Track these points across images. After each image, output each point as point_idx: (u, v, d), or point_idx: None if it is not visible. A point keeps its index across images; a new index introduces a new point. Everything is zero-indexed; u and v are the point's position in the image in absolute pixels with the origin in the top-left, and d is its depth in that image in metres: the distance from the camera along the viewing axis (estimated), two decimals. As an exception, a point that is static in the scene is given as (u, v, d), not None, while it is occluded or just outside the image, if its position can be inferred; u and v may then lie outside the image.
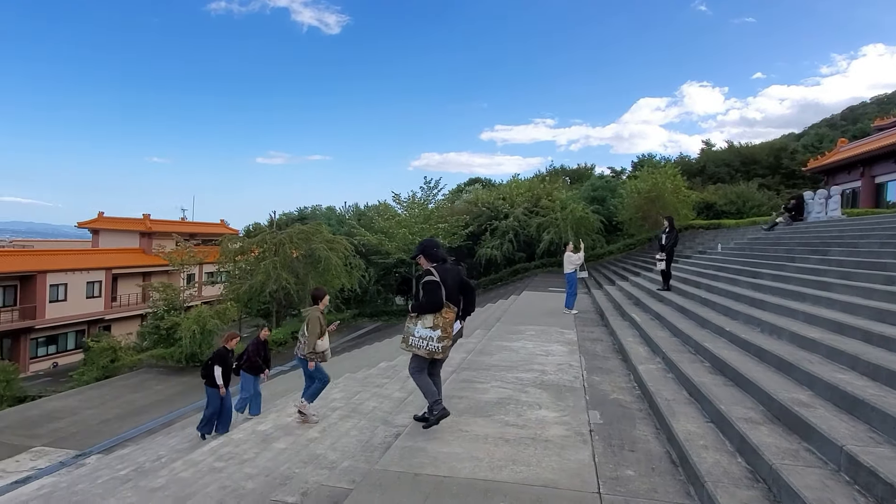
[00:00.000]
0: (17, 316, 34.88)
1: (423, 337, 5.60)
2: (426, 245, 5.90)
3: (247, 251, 28.26)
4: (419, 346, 5.65)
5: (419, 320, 5.66)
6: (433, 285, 5.56)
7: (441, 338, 5.58)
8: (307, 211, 48.79)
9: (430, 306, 5.57)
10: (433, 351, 5.63)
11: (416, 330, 5.64)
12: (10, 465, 14.17)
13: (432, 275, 5.57)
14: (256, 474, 6.92)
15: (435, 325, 5.56)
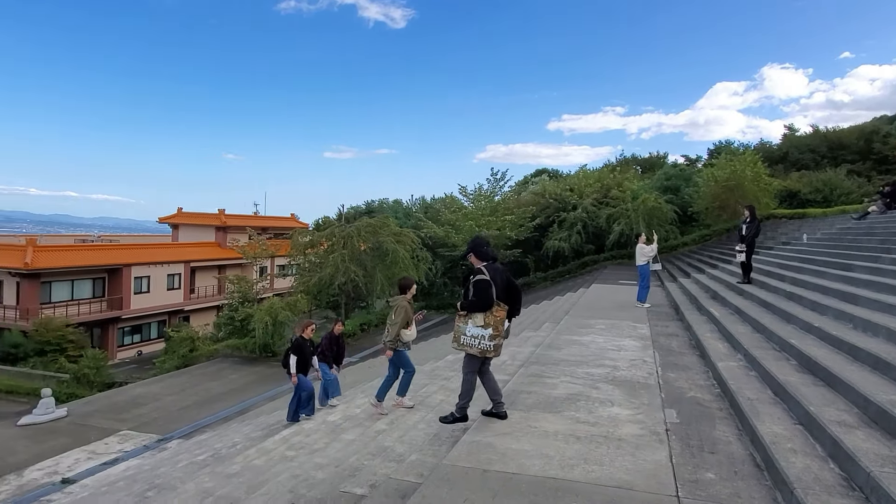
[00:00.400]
0: (105, 307, 36.97)
1: (475, 335, 5.63)
2: (477, 243, 5.94)
3: (316, 244, 28.86)
4: (471, 345, 5.68)
5: (469, 319, 5.69)
6: (484, 284, 5.58)
7: (493, 336, 5.59)
8: (374, 204, 49.41)
9: (482, 305, 5.60)
10: (485, 349, 5.66)
11: (468, 329, 5.67)
12: (100, 448, 14.98)
13: (483, 273, 5.59)
14: (326, 464, 6.97)
15: (486, 323, 5.57)
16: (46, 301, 34.05)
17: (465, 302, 5.75)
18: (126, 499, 9.34)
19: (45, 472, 13.55)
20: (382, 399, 8.82)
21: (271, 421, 13.20)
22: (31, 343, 29.87)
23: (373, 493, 5.19)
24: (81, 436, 15.82)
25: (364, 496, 5.31)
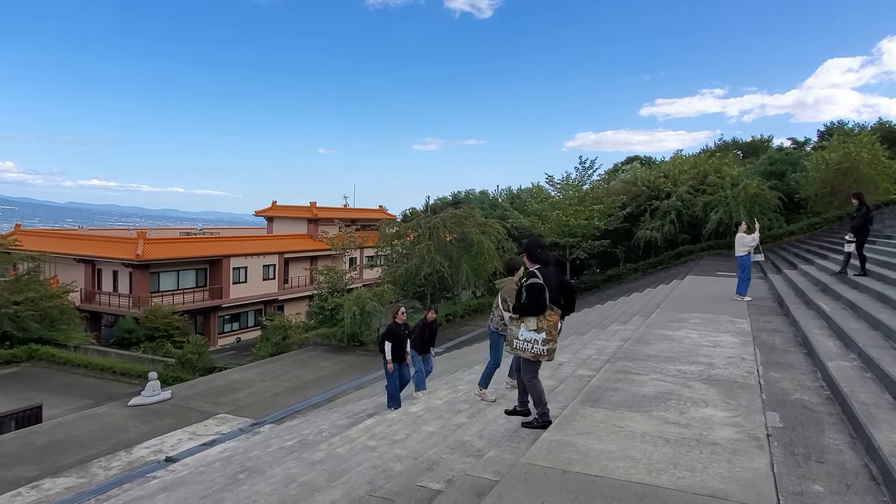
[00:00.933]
0: (207, 296, 39.13)
1: (528, 339, 5.62)
2: (531, 245, 5.94)
3: (403, 235, 29.18)
4: (524, 349, 5.68)
5: (522, 323, 5.68)
6: (538, 287, 5.57)
7: (546, 340, 5.58)
8: (460, 195, 49.43)
9: (534, 309, 5.59)
10: (538, 353, 5.65)
11: (520, 332, 5.67)
12: (200, 429, 15.79)
13: (536, 277, 5.58)
14: (405, 456, 6.92)
15: (539, 327, 5.58)
16: (155, 290, 36.44)
17: (518, 305, 5.74)
18: (219, 479, 9.73)
19: (151, 450, 14.41)
20: (486, 386, 8.58)
21: (356, 409, 13.43)
22: (142, 329, 32.05)
23: (449, 489, 5.06)
24: (184, 417, 16.74)
25: (440, 492, 5.18)
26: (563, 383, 8.08)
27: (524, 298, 5.71)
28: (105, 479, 12.81)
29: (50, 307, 30.74)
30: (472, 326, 27.42)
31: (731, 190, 29.14)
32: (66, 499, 11.91)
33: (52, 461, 13.79)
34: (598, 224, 30.41)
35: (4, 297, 29.50)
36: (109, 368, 26.30)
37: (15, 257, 32.18)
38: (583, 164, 33.13)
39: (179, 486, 10.38)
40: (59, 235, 44.09)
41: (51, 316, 30.73)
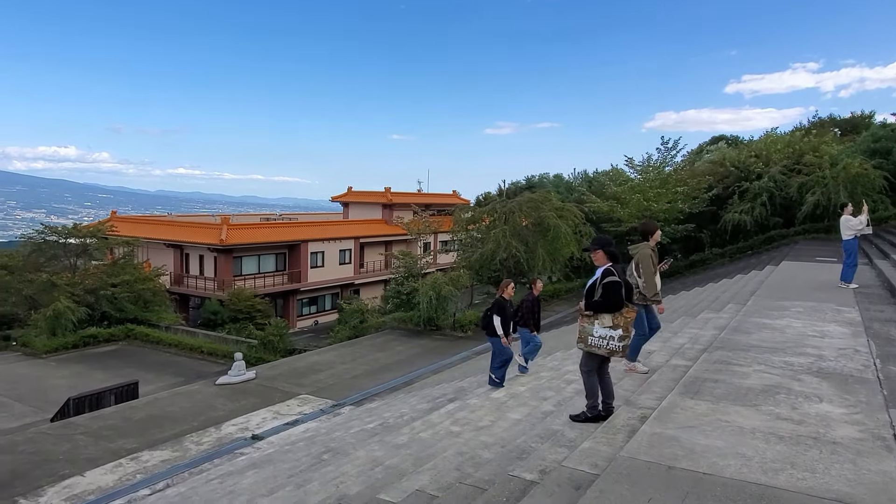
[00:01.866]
0: (286, 279, 40.34)
1: (603, 336, 5.65)
2: (606, 242, 6.00)
3: (478, 220, 28.98)
4: (599, 346, 5.70)
5: (596, 320, 5.70)
6: (616, 286, 5.65)
7: (622, 337, 5.61)
8: (534, 179, 48.67)
9: (612, 306, 5.65)
10: (614, 350, 5.67)
11: (595, 329, 5.69)
12: (283, 409, 16.24)
13: (613, 275, 5.64)
14: (493, 444, 6.78)
15: (615, 324, 5.61)
16: (238, 274, 37.87)
17: (593, 302, 5.76)
18: (305, 459, 9.92)
19: (238, 427, 14.93)
20: (634, 359, 8.06)
21: (436, 394, 13.42)
22: (227, 311, 33.39)
23: (544, 480, 4.86)
24: (267, 397, 17.26)
25: (534, 482, 5.00)
26: (657, 373, 7.70)
27: (600, 296, 5.72)
28: (197, 453, 13.37)
29: (143, 289, 32.50)
30: (548, 312, 26.97)
31: (830, 170, 27.22)
32: (163, 471, 12.49)
33: (149, 435, 14.51)
34: (681, 207, 29.11)
35: (103, 280, 31.38)
36: (197, 348, 27.54)
37: (112, 242, 34.13)
38: (665, 145, 31.74)
39: (267, 464, 10.67)
40: (150, 221, 46.51)
41: (144, 298, 32.49)
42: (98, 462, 12.98)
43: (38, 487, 11.88)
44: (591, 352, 5.84)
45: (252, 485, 8.96)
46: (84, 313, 29.22)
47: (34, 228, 33.55)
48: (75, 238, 32.97)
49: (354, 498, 6.17)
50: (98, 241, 33.26)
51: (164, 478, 12.15)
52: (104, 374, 23.89)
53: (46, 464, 12.96)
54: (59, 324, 27.83)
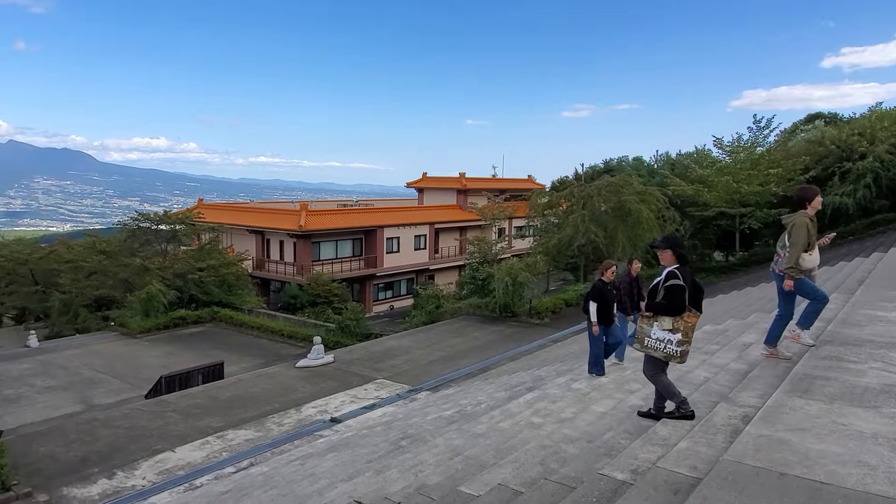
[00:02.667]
0: (362, 265, 40.95)
1: (661, 339, 5.48)
2: (677, 241, 5.76)
3: (555, 205, 28.33)
4: (656, 348, 5.54)
5: (655, 322, 5.53)
6: (679, 289, 5.43)
7: (681, 342, 5.42)
8: (613, 163, 47.23)
9: (673, 309, 5.45)
10: (671, 354, 5.49)
11: (653, 331, 5.53)
12: (361, 393, 16.41)
13: (677, 278, 5.44)
14: (577, 438, 6.44)
15: (675, 328, 5.44)
16: (316, 259, 38.74)
17: (654, 303, 5.56)
18: (383, 444, 9.90)
19: (317, 409, 15.20)
20: (775, 343, 7.22)
21: (513, 382, 13.15)
22: (305, 295, 34.26)
23: (638, 481, 4.50)
24: (345, 381, 17.50)
25: (626, 483, 4.65)
26: (757, 368, 7.12)
27: (662, 298, 5.52)
28: (278, 434, 13.69)
29: (227, 273, 33.78)
30: (627, 299, 26.18)
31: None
32: (247, 450, 12.85)
33: (233, 414, 14.98)
34: (774, 190, 27.32)
35: (191, 264, 32.83)
36: (278, 331, 28.37)
37: (198, 228, 35.64)
38: (757, 124, 29.76)
39: (345, 448, 10.74)
40: (233, 208, 48.29)
41: (228, 281, 33.78)
42: (187, 439, 13.51)
43: (134, 461, 12.48)
44: (647, 354, 5.68)
45: (332, 468, 9.01)
46: (174, 296, 30.68)
47: (129, 216, 35.46)
48: (166, 224, 34.64)
49: (434, 488, 6.00)
50: (186, 227, 34.82)
51: (248, 456, 12.50)
52: (192, 354, 24.98)
53: (141, 438, 13.61)
54: (151, 306, 29.33)
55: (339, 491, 7.17)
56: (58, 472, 12.00)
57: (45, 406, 19.06)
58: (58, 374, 22.80)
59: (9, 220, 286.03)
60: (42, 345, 28.55)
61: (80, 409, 18.67)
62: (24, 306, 39.63)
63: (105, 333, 30.77)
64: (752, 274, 26.85)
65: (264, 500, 8.01)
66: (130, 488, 11.33)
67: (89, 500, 10.94)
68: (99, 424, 14.53)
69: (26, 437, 14.16)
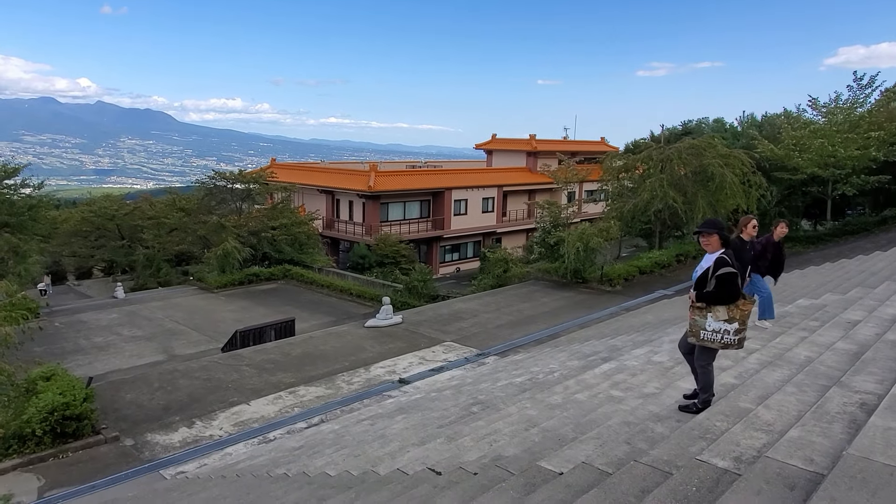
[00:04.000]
0: (430, 226, 40.91)
1: (717, 330, 5.24)
2: (723, 225, 5.49)
3: (630, 168, 27.14)
4: (713, 340, 5.30)
5: (709, 312, 5.26)
6: (732, 276, 5.16)
7: (738, 330, 5.20)
8: (692, 124, 44.88)
9: (727, 298, 5.19)
10: (729, 343, 5.26)
11: (708, 323, 5.28)
12: (428, 355, 16.37)
13: (728, 265, 5.15)
14: (665, 417, 6.00)
15: (731, 317, 5.18)
16: (384, 219, 38.94)
17: (706, 293, 5.27)
18: (453, 409, 9.74)
19: (385, 370, 15.26)
20: None
21: (587, 351, 12.72)
22: (374, 255, 34.57)
23: (747, 473, 4.07)
24: (413, 342, 17.50)
25: (730, 472, 4.22)
26: (870, 349, 6.46)
27: (714, 287, 5.22)
28: (348, 392, 13.83)
29: (299, 232, 34.45)
30: (704, 269, 25.03)
31: None
32: (317, 406, 13.05)
33: (304, 371, 15.25)
34: (874, 155, 25.15)
35: (264, 223, 33.61)
36: (347, 290, 28.77)
37: (271, 188, 36.35)
38: (858, 82, 27.32)
39: (415, 411, 10.66)
40: (304, 168, 49.02)
41: (299, 240, 34.46)
42: (261, 393, 13.84)
43: (211, 411, 12.88)
44: (704, 346, 5.41)
45: (402, 431, 8.93)
46: (248, 253, 31.57)
47: (206, 175, 36.48)
48: (240, 183, 35.47)
49: (511, 461, 5.74)
50: (260, 186, 35.55)
51: (318, 413, 12.69)
52: (265, 310, 25.69)
53: (218, 390, 14.03)
54: (227, 262, 30.27)
55: (412, 456, 7.04)
56: (142, 418, 12.52)
57: (131, 355, 20.04)
58: (142, 324, 23.94)
59: (98, 177, 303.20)
60: (128, 296, 30.08)
61: (162, 359, 19.54)
62: (112, 259, 41.84)
63: (185, 287, 32.10)
64: (845, 245, 25.10)
65: (336, 459, 8.00)
66: (209, 438, 11.70)
67: (171, 446, 11.36)
68: (179, 375, 15.09)
69: (114, 383, 14.87)
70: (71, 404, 10.94)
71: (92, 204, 42.25)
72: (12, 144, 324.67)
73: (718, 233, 5.34)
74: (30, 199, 25.52)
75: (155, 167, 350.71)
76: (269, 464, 9.10)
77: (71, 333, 22.51)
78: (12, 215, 24.39)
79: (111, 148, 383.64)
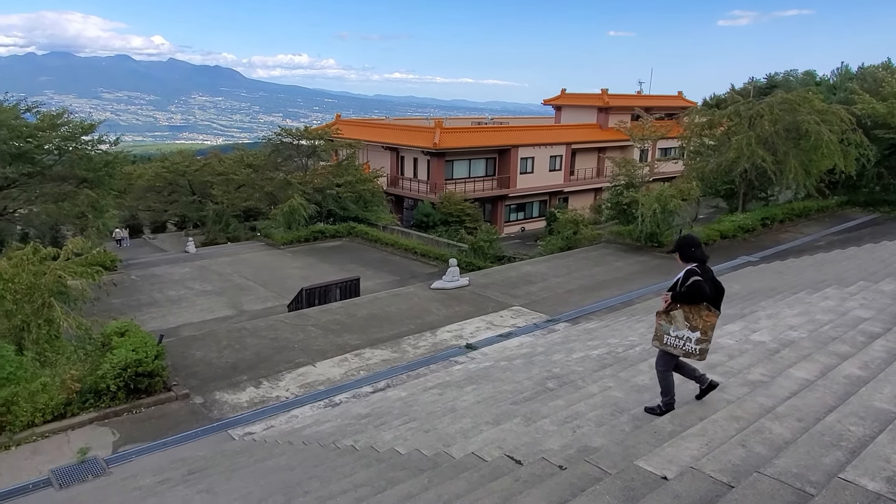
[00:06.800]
0: (495, 185, 39.98)
1: (680, 336, 5.50)
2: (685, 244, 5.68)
3: (715, 125, 25.27)
4: (675, 346, 5.55)
5: (673, 321, 5.55)
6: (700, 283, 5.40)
7: (700, 340, 5.45)
8: (778, 77, 41.69)
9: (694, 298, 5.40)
10: (690, 352, 5.50)
11: (672, 329, 5.56)
12: (496, 320, 15.84)
13: (697, 275, 5.44)
14: (783, 414, 5.19)
15: (694, 326, 5.44)
16: (449, 177, 38.24)
17: (678, 293, 5.54)
18: (527, 382, 9.18)
19: (452, 334, 14.84)
20: None
21: (669, 324, 11.85)
22: (438, 214, 34.08)
23: None
24: (480, 305, 16.99)
25: (884, 498, 3.46)
26: None
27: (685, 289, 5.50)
28: (414, 357, 13.50)
29: (364, 190, 34.25)
30: (793, 234, 23.26)
31: None
32: (383, 370, 12.78)
33: (370, 333, 15.00)
34: None
35: (329, 180, 33.53)
36: (411, 249, 28.48)
37: (336, 144, 36.14)
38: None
39: (485, 381, 10.17)
40: (369, 125, 48.65)
41: (364, 198, 34.28)
42: (327, 354, 13.68)
43: (278, 372, 12.81)
44: (666, 351, 5.62)
45: (474, 405, 8.45)
46: (314, 210, 31.65)
47: (273, 131, 36.57)
48: (306, 140, 35.39)
49: (603, 455, 5.12)
50: (325, 142, 35.38)
51: (384, 377, 12.42)
52: (330, 267, 25.72)
53: (284, 350, 13.97)
54: (293, 218, 30.44)
55: (486, 437, 6.53)
56: (211, 376, 12.56)
57: (202, 309, 20.42)
58: (212, 279, 24.40)
59: (171, 133, 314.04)
60: (199, 251, 30.78)
61: (231, 314, 19.82)
62: (184, 214, 43.04)
63: (252, 243, 32.59)
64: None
65: (405, 434, 7.61)
66: (275, 399, 11.61)
67: (238, 406, 11.32)
68: (247, 333, 15.11)
69: (184, 340, 15.06)
70: (143, 361, 11.00)
71: (165, 160, 43.31)
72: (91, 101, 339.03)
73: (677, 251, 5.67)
74: (106, 155, 26.07)
75: (224, 123, 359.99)
76: (335, 432, 8.83)
77: (146, 286, 23.15)
78: (90, 171, 25.00)
79: (183, 104, 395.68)
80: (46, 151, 24.31)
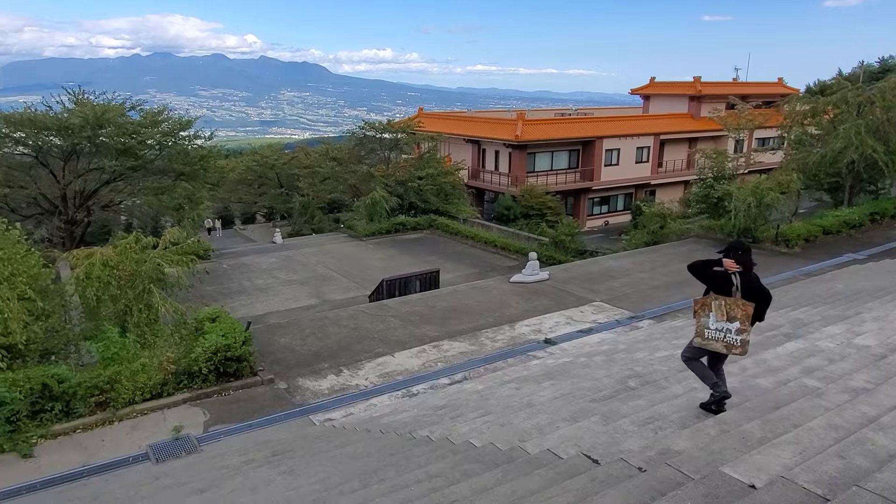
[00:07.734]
0: (578, 177, 39.20)
1: (720, 329, 5.48)
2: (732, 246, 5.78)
3: (819, 113, 23.55)
4: (717, 339, 5.53)
5: (711, 311, 5.55)
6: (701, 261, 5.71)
7: (740, 330, 5.41)
8: (892, 61, 38.57)
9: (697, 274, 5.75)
10: (732, 344, 5.46)
11: (710, 321, 5.55)
12: (577, 315, 15.51)
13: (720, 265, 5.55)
14: (888, 424, 4.77)
15: (732, 316, 5.39)
16: (531, 170, 37.80)
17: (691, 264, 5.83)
18: (606, 380, 8.91)
19: (531, 328, 14.66)
20: None
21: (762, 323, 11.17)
22: (519, 207, 33.77)
23: None
24: (560, 300, 16.69)
25: None
26: None
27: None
28: (492, 350, 13.43)
29: (445, 182, 34.41)
30: (901, 233, 21.49)
31: None
32: (461, 363, 12.78)
33: (448, 325, 15.05)
34: None
35: (410, 173, 33.92)
36: (491, 242, 28.36)
37: (418, 137, 36.49)
38: None
39: (563, 377, 9.98)
40: (451, 117, 48.76)
41: (445, 190, 34.44)
42: (405, 345, 13.84)
43: (358, 361, 13.08)
44: (707, 347, 5.64)
45: (551, 401, 8.30)
46: (395, 203, 32.13)
47: (357, 125, 37.36)
48: (388, 133, 35.93)
49: (685, 459, 4.88)
50: (407, 136, 35.79)
51: (462, 370, 12.42)
52: (410, 259, 26.03)
53: (364, 340, 14.24)
54: (375, 211, 31.01)
55: (563, 434, 6.38)
56: (294, 363, 12.98)
57: (287, 298, 21.17)
58: (297, 268, 25.26)
59: (262, 128, 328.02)
60: (285, 241, 31.96)
61: (314, 303, 20.44)
62: (272, 206, 44.80)
63: (336, 234, 33.49)
64: None
65: (481, 427, 7.56)
66: (355, 387, 11.85)
67: (319, 393, 11.64)
68: (329, 322, 15.52)
69: (270, 327, 15.64)
70: (231, 346, 11.49)
71: (255, 154, 45.21)
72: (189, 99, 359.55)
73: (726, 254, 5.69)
74: (201, 149, 27.46)
75: (311, 118, 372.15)
76: (412, 422, 8.91)
77: (236, 275, 24.27)
78: (187, 164, 26.41)
79: (272, 100, 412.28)
80: (148, 147, 25.84)
